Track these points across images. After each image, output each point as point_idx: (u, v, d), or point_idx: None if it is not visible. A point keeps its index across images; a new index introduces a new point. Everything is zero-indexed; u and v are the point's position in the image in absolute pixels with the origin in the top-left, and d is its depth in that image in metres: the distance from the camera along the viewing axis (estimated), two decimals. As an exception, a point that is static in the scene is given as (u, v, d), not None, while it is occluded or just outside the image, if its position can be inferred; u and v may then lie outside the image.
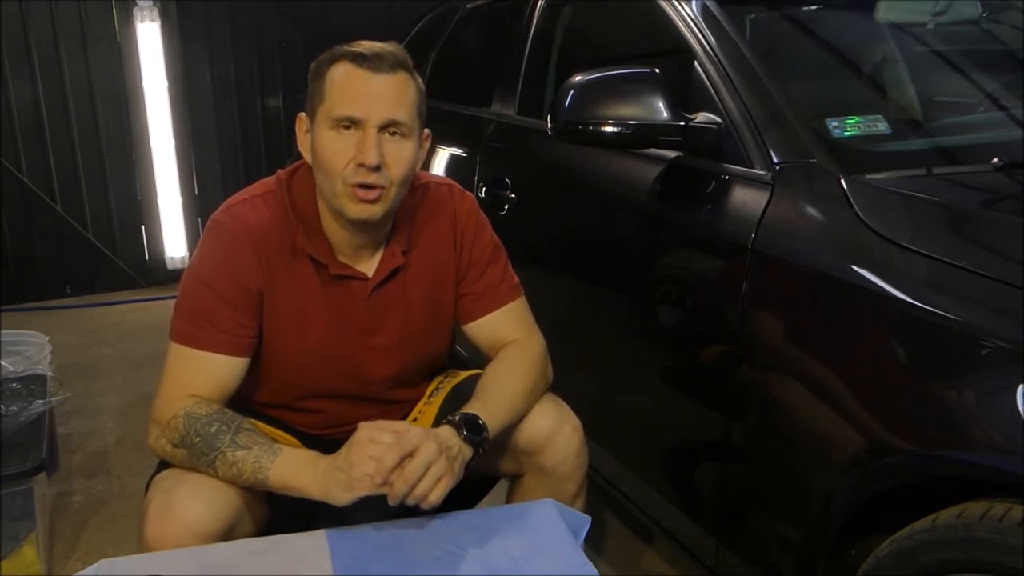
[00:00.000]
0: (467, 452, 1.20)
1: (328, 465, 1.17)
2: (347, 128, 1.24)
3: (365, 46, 1.26)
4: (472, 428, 1.22)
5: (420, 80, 1.31)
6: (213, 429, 1.21)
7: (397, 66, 1.25)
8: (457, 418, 1.23)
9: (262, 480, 1.19)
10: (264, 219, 1.32)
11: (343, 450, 1.16)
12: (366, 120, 1.23)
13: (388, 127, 1.24)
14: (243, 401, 1.38)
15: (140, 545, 1.17)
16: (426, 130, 1.34)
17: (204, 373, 1.28)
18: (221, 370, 1.29)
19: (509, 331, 1.44)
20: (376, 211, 1.26)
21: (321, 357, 1.37)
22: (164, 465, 1.28)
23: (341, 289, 1.35)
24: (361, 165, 1.22)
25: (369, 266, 1.36)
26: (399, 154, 1.25)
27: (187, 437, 1.21)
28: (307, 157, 1.31)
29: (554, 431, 1.35)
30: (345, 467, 1.14)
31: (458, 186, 1.49)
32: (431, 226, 1.42)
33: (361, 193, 1.24)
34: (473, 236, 1.44)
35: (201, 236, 1.35)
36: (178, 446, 1.22)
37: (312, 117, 1.28)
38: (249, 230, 1.30)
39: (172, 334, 1.30)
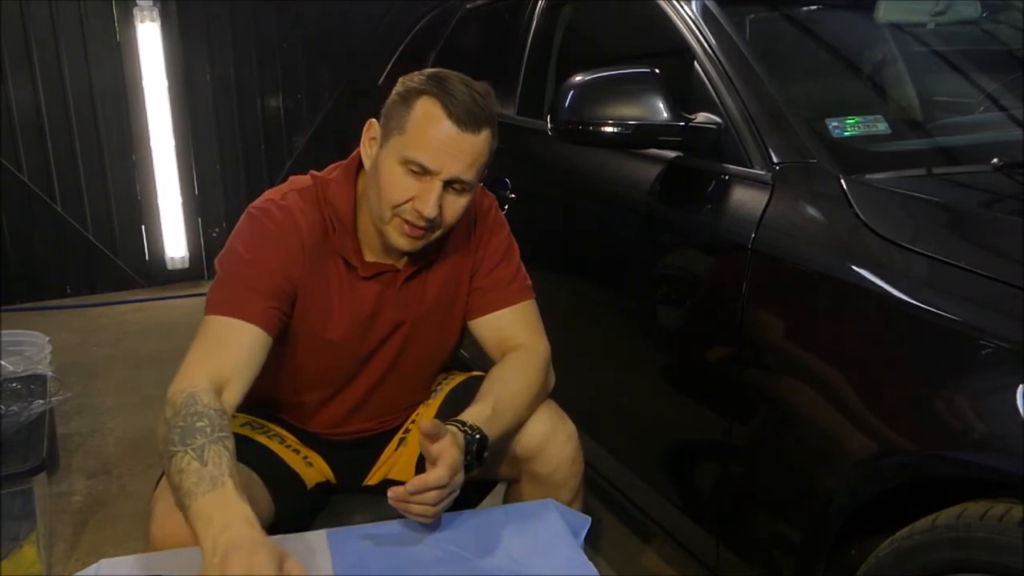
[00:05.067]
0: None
1: (221, 547, 0.97)
2: (415, 171, 1.24)
3: (459, 90, 1.23)
4: (478, 455, 1.21)
5: (497, 125, 1.29)
6: (198, 424, 1.11)
7: (484, 124, 1.24)
8: (472, 436, 1.21)
9: (186, 504, 1.04)
10: (306, 214, 1.33)
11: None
12: (436, 173, 1.23)
13: (454, 183, 1.25)
14: (248, 400, 1.39)
15: (146, 545, 1.17)
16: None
17: (234, 342, 1.23)
18: (250, 342, 1.24)
19: (515, 331, 1.43)
20: (417, 246, 1.30)
21: (339, 353, 1.38)
22: None
23: (372, 286, 1.36)
24: (418, 211, 1.24)
25: (399, 260, 1.38)
26: (454, 205, 1.28)
27: (175, 418, 1.13)
28: (367, 164, 1.31)
29: (548, 438, 1.34)
30: None
31: (480, 185, 1.49)
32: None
33: (409, 230, 1.26)
34: (489, 232, 1.45)
35: (240, 222, 1.33)
36: (167, 422, 1.14)
37: (385, 136, 1.27)
38: (295, 221, 1.31)
39: (208, 307, 1.26)
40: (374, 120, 1.31)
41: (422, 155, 1.22)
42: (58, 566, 2.01)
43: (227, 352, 1.22)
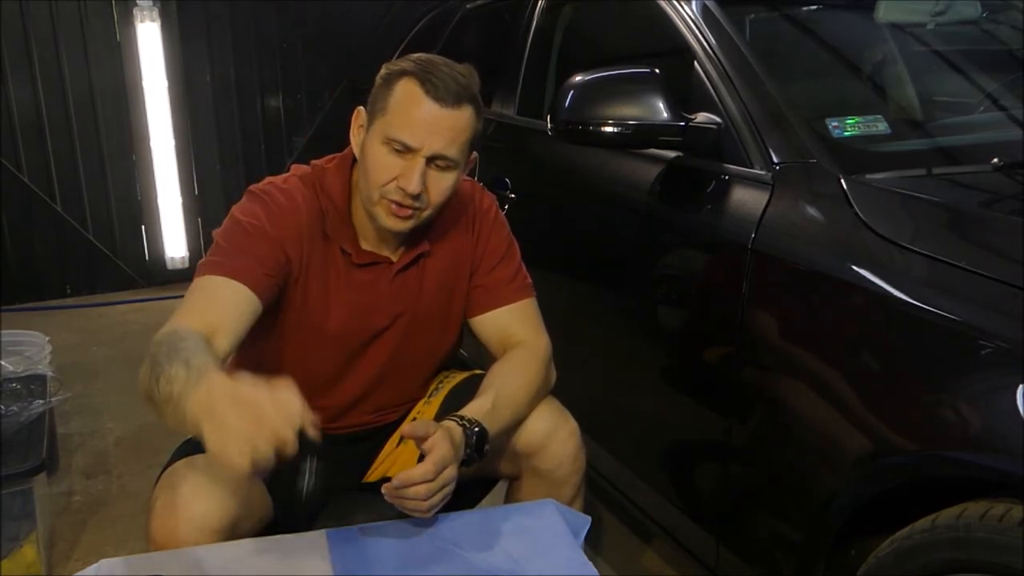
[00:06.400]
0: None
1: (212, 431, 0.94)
2: (398, 149, 1.25)
3: (439, 69, 1.26)
4: (478, 448, 1.21)
5: (481, 105, 1.32)
6: (181, 344, 1.09)
7: (463, 100, 1.26)
8: (471, 429, 1.21)
9: (182, 410, 0.99)
10: (307, 198, 1.34)
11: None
12: (418, 150, 1.25)
13: (436, 159, 1.27)
14: None
15: (147, 542, 1.17)
16: (473, 153, 1.36)
17: (223, 299, 1.21)
18: (240, 300, 1.22)
19: (516, 329, 1.44)
20: (406, 226, 1.30)
21: (338, 346, 1.39)
22: (170, 464, 1.28)
23: (366, 274, 1.37)
24: (402, 189, 1.25)
25: (394, 251, 1.39)
26: (440, 183, 1.29)
27: (158, 347, 1.10)
28: (356, 151, 1.34)
29: (550, 434, 1.35)
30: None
31: (480, 184, 1.51)
32: (452, 218, 1.43)
33: (395, 209, 1.28)
34: (489, 230, 1.46)
35: (241, 201, 1.34)
36: (152, 356, 1.10)
37: (370, 120, 1.30)
38: (296, 203, 1.33)
39: (200, 270, 1.25)
40: (361, 108, 1.33)
41: (403, 133, 1.24)
42: (58, 566, 2.01)
43: (216, 307, 1.21)
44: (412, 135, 1.24)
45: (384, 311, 1.39)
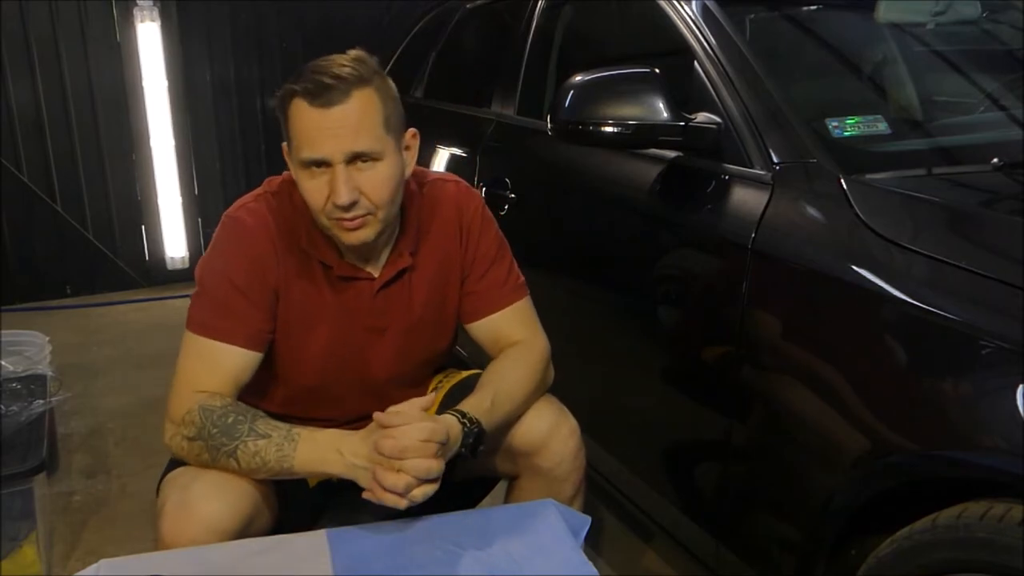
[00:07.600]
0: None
1: (351, 450, 1.19)
2: (317, 167, 1.23)
3: (316, 75, 1.20)
4: (473, 447, 1.21)
5: (388, 83, 1.27)
6: (230, 420, 1.21)
7: (350, 88, 1.20)
8: (470, 429, 1.22)
9: (288, 467, 1.20)
10: (279, 217, 1.33)
11: (364, 441, 1.19)
12: (330, 159, 1.21)
13: (355, 159, 1.22)
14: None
15: (157, 543, 1.17)
16: (411, 130, 1.32)
17: (219, 366, 1.27)
18: (235, 363, 1.28)
19: (513, 331, 1.43)
20: (367, 235, 1.27)
21: (327, 359, 1.37)
22: (175, 464, 1.28)
23: (348, 289, 1.36)
24: (334, 203, 1.22)
25: (376, 266, 1.37)
26: (374, 179, 1.23)
27: (204, 429, 1.21)
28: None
29: (551, 433, 1.35)
30: (369, 465, 1.17)
31: (465, 183, 1.48)
32: (437, 223, 1.41)
33: (347, 223, 1.24)
34: (479, 233, 1.43)
35: (216, 231, 1.35)
36: (195, 439, 1.22)
37: (288, 152, 1.28)
38: (266, 226, 1.31)
39: (190, 323, 1.30)
40: (285, 144, 1.30)
41: (307, 151, 1.22)
42: (58, 566, 2.01)
43: (217, 377, 1.27)
44: (314, 149, 1.21)
45: (370, 326, 1.38)
